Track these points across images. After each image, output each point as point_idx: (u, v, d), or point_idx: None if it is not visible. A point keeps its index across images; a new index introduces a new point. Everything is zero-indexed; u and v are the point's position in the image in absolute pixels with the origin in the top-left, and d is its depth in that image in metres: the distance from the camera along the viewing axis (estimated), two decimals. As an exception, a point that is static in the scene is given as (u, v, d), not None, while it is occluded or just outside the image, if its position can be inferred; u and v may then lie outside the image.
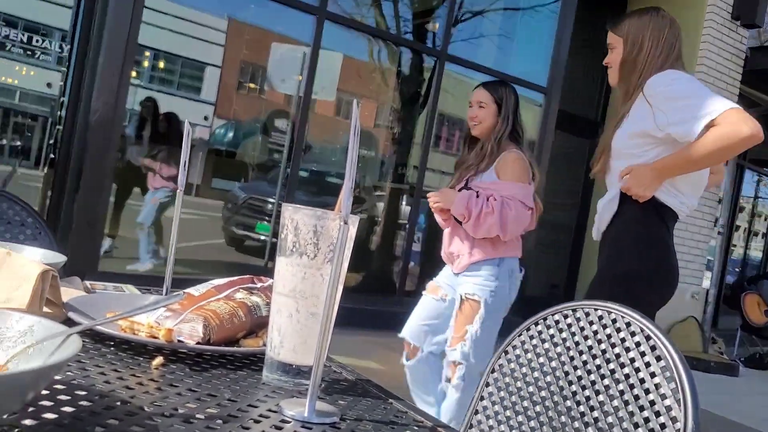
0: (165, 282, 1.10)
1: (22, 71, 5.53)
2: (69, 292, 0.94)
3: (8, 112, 5.51)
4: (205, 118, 6.15)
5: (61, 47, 5.34)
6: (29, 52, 5.19)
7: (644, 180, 1.90)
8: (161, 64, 5.78)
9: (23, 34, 5.11)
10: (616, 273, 1.93)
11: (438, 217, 2.66)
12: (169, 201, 5.11)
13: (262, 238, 5.91)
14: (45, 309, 0.83)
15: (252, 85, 6.39)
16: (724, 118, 1.78)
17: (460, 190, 2.56)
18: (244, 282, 1.00)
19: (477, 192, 2.49)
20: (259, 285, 1.01)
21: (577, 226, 7.37)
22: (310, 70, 4.97)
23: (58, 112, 4.57)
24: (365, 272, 6.11)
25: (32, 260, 0.84)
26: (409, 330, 2.64)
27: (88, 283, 1.08)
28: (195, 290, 0.94)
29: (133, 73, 4.53)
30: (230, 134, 6.67)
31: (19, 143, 5.97)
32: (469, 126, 2.67)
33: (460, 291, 2.51)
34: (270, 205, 5.85)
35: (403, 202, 6.44)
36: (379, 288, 6.00)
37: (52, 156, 4.58)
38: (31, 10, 5.25)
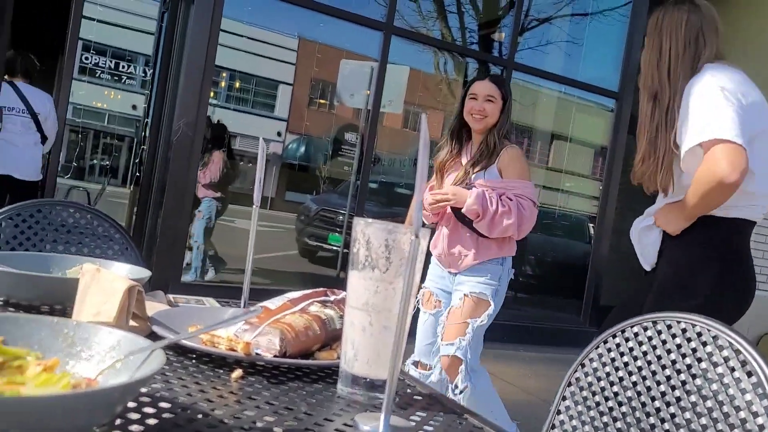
0: (243, 294, 1.13)
1: (110, 95, 5.87)
2: (154, 306, 0.98)
3: (98, 133, 5.85)
4: (278, 134, 6.32)
5: (144, 71, 5.64)
6: (116, 77, 5.51)
7: (672, 225, 1.77)
8: (237, 84, 5.99)
9: (111, 61, 5.43)
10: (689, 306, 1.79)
11: (429, 215, 2.56)
12: (212, 210, 5.19)
13: (334, 248, 6.00)
14: (131, 323, 0.88)
15: (322, 101, 6.53)
16: (710, 153, 1.57)
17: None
18: (318, 295, 1.02)
19: (484, 191, 2.40)
20: (332, 298, 1.02)
21: (656, 234, 7.09)
22: (377, 84, 5.02)
23: (143, 133, 4.81)
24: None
25: (120, 276, 0.88)
26: (418, 352, 2.64)
27: (171, 296, 1.12)
28: (271, 303, 0.96)
29: (211, 93, 4.71)
30: (302, 149, 6.82)
31: (107, 162, 6.30)
32: (469, 120, 2.54)
33: (462, 290, 2.47)
34: (341, 217, 5.94)
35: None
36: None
37: (137, 174, 4.82)
38: (117, 38, 5.58)
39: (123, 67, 5.55)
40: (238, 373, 0.78)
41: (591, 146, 6.70)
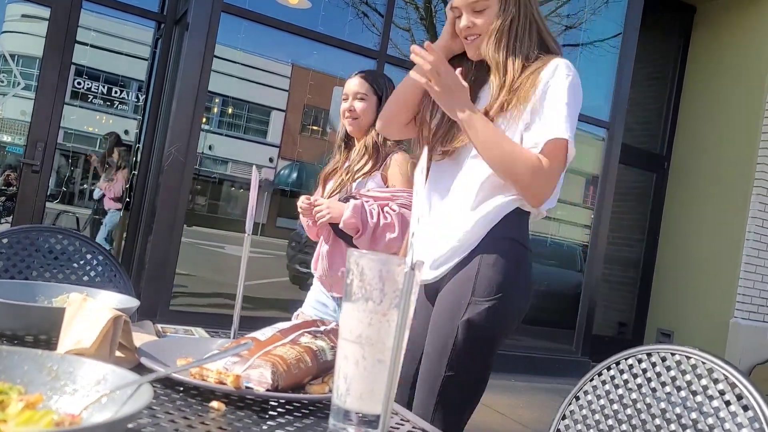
0: (233, 324, 1.11)
1: (102, 120, 5.87)
2: (141, 337, 0.96)
3: (89, 158, 5.85)
4: (270, 160, 6.33)
5: (137, 97, 5.66)
6: (108, 103, 5.52)
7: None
8: (229, 110, 6.02)
9: (104, 86, 5.45)
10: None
11: (308, 231, 2.32)
12: (116, 221, 5.70)
13: (325, 277, 5.94)
14: (118, 353, 0.86)
15: (315, 127, 6.56)
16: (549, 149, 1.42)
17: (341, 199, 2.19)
18: (309, 326, 1.01)
19: (367, 202, 2.13)
20: (323, 328, 1.01)
21: (645, 263, 7.11)
22: (371, 111, 5.05)
23: (134, 158, 4.80)
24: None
25: (105, 306, 0.86)
26: None
27: (159, 326, 1.10)
28: (261, 334, 0.95)
29: (203, 119, 4.72)
30: (294, 174, 6.82)
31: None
32: (343, 123, 2.29)
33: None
34: (333, 244, 5.90)
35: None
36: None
37: (128, 199, 4.80)
38: (111, 63, 5.60)
39: (116, 92, 5.57)
40: (219, 404, 0.76)
41: (582, 175, 6.74)
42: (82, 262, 1.64)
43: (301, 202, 2.19)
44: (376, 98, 2.26)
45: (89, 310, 0.85)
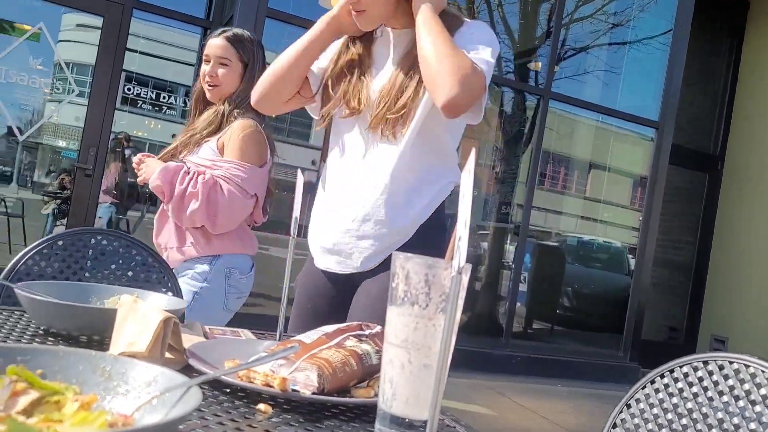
0: (278, 326, 1.12)
1: (150, 124, 6.03)
2: (190, 339, 0.97)
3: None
4: (313, 163, 6.38)
5: (184, 102, 5.79)
6: (157, 108, 5.66)
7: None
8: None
9: (152, 92, 5.60)
10: None
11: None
12: (109, 213, 5.64)
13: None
14: (168, 355, 0.87)
15: (357, 130, 6.60)
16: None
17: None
18: (353, 329, 1.00)
19: (189, 167, 1.96)
20: (368, 332, 1.00)
21: (697, 266, 6.90)
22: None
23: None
24: (470, 313, 6.01)
25: (156, 308, 0.88)
26: None
27: (207, 327, 1.12)
28: (306, 337, 0.95)
29: (247, 123, 4.78)
30: (336, 177, 6.87)
31: (147, 190, 6.44)
32: (202, 86, 2.10)
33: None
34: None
35: (508, 242, 6.32)
36: (486, 329, 5.87)
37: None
38: (159, 69, 5.76)
39: (163, 97, 5.73)
40: (265, 407, 0.76)
41: (630, 176, 6.60)
42: (132, 264, 1.67)
43: (137, 157, 2.05)
44: (241, 66, 2.07)
45: (140, 312, 0.86)
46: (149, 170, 1.97)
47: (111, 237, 1.68)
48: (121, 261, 1.67)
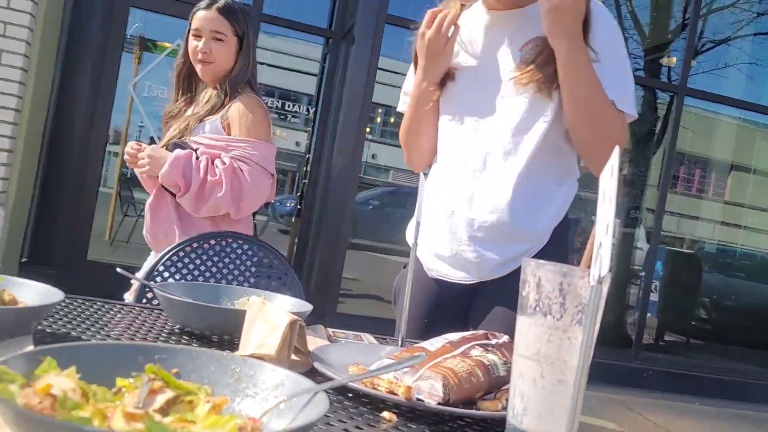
0: (401, 332, 1.10)
1: (276, 133, 6.34)
2: (314, 341, 0.98)
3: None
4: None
5: (308, 110, 6.00)
6: (283, 116, 5.92)
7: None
8: (392, 119, 6.17)
9: (278, 101, 5.86)
10: None
11: (143, 180, 1.97)
12: None
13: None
14: (293, 357, 0.88)
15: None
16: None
17: (170, 148, 1.86)
18: (479, 338, 0.96)
19: (197, 150, 1.83)
20: (494, 341, 0.96)
21: None
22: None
23: (304, 168, 5.09)
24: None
25: (283, 310, 0.89)
26: None
27: (330, 331, 1.13)
28: (429, 345, 0.92)
29: (367, 129, 4.87)
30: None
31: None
32: (195, 65, 1.95)
33: None
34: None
35: (638, 248, 5.98)
36: (614, 340, 5.57)
37: (298, 207, 5.09)
38: (284, 79, 6.01)
39: (288, 106, 5.96)
40: (390, 415, 0.74)
41: (777, 177, 6.02)
42: (259, 266, 1.73)
43: (129, 147, 1.90)
44: (236, 40, 1.95)
45: (268, 314, 0.88)
46: (156, 163, 1.83)
47: (240, 240, 1.75)
48: (250, 263, 1.74)
